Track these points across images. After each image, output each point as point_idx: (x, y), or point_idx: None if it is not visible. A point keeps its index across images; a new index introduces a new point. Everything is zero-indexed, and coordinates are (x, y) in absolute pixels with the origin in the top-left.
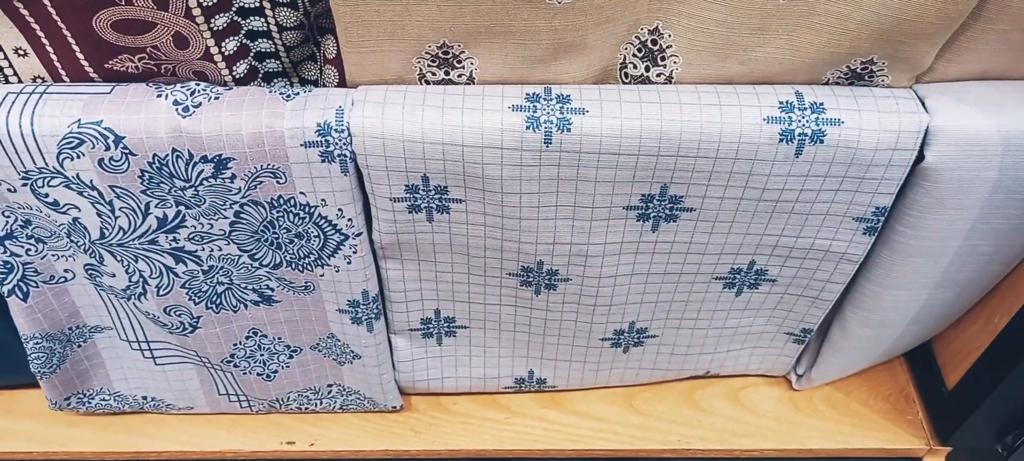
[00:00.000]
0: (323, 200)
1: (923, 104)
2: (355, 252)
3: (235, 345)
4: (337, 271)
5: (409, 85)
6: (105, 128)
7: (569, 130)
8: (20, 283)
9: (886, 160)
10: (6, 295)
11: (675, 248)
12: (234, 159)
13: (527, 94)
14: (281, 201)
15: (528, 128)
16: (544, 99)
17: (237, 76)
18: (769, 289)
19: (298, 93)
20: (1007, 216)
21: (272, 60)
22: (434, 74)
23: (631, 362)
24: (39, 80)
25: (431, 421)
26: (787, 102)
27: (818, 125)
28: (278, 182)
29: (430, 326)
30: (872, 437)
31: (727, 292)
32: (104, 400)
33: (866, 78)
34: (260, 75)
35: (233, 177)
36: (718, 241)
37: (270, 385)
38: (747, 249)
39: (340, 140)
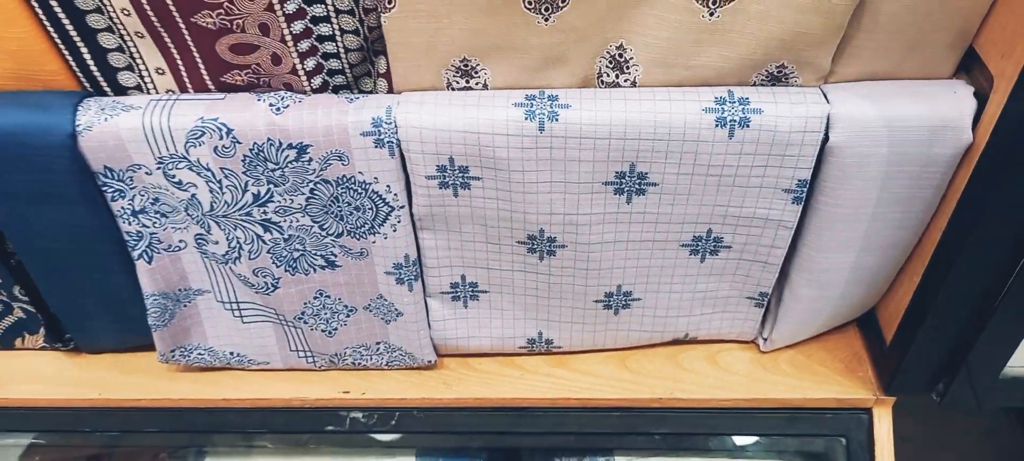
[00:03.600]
0: (376, 178)
1: (826, 97)
2: (399, 222)
3: (305, 304)
4: (385, 238)
5: (439, 91)
6: (220, 123)
7: (557, 120)
8: (147, 249)
9: (799, 141)
10: (136, 258)
11: (646, 218)
12: (311, 146)
13: (526, 94)
14: (345, 180)
15: (527, 119)
16: (538, 98)
17: (314, 87)
18: (727, 255)
19: (358, 97)
20: (903, 185)
21: (339, 75)
22: (458, 82)
23: (621, 324)
24: (171, 92)
25: (459, 376)
26: (720, 97)
27: (744, 114)
28: (343, 164)
29: (458, 290)
30: (828, 390)
31: (693, 258)
32: (200, 354)
33: (782, 80)
34: (330, 87)
35: (310, 160)
36: (680, 211)
37: (331, 341)
38: (703, 218)
39: (389, 130)
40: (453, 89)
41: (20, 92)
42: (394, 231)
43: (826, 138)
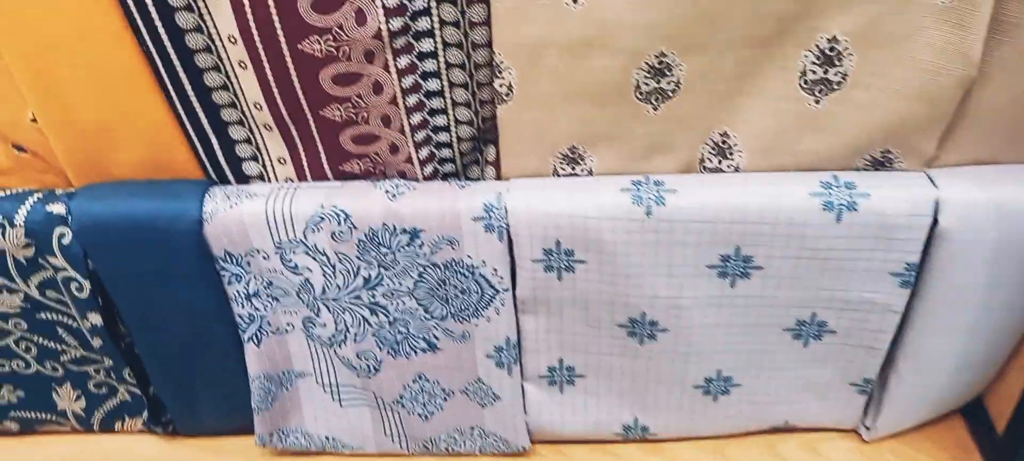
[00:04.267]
0: (483, 261)
1: (933, 181)
2: (503, 305)
3: (404, 386)
4: (488, 321)
5: (545, 177)
6: (339, 209)
7: (664, 204)
8: (257, 332)
9: (907, 224)
10: (246, 341)
11: (750, 301)
12: (424, 230)
13: (632, 180)
14: (453, 263)
15: (634, 203)
16: (644, 183)
17: (425, 174)
18: (830, 340)
19: (467, 184)
20: (1013, 269)
21: (450, 163)
22: (564, 169)
23: (720, 411)
24: (289, 180)
25: None
26: (826, 182)
27: (851, 198)
28: (453, 248)
29: (554, 374)
30: None
31: (796, 343)
32: (297, 438)
33: (886, 165)
34: (440, 174)
35: (421, 244)
36: (784, 295)
37: (427, 425)
38: (808, 302)
39: (499, 215)
40: (559, 175)
41: (152, 181)
42: (497, 314)
43: (935, 222)
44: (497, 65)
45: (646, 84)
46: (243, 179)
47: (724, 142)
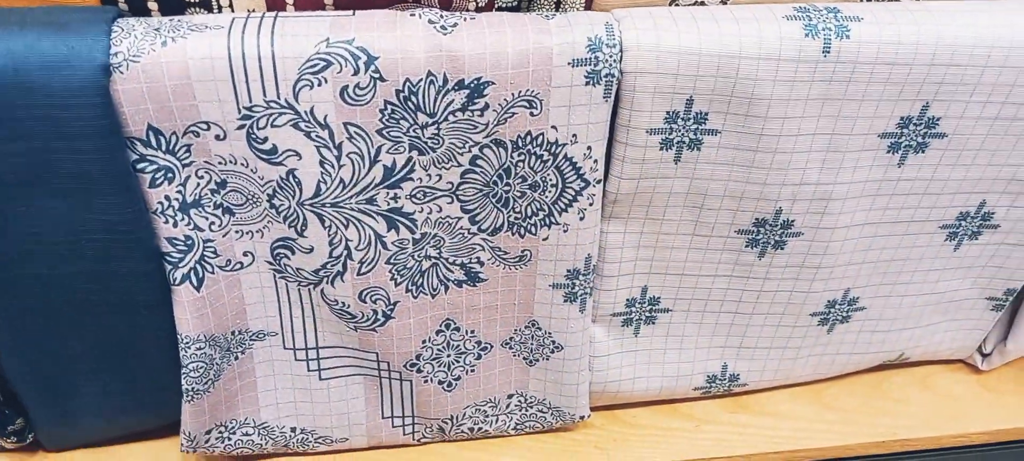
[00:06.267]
0: (574, 136)
1: None
2: (590, 205)
3: (424, 342)
4: (565, 231)
5: (662, 8)
6: (357, 47)
7: (848, 37)
8: (197, 266)
9: None
10: (177, 282)
11: (915, 186)
12: (492, 84)
13: (795, 8)
14: (528, 140)
15: (807, 35)
16: (815, 10)
17: (480, 4)
18: (988, 238)
19: (556, 14)
20: None
21: None
22: None
23: (830, 346)
24: (253, 11)
25: (615, 437)
26: None
27: None
28: (532, 114)
29: (632, 310)
30: None
31: (947, 245)
32: (246, 435)
33: None
34: (495, 8)
35: (484, 109)
36: (959, 175)
37: (448, 397)
38: (982, 186)
39: (610, 56)
40: (677, 4)
41: (16, 8)
42: (581, 220)
43: None
44: None
45: None
46: (176, 6)
47: None
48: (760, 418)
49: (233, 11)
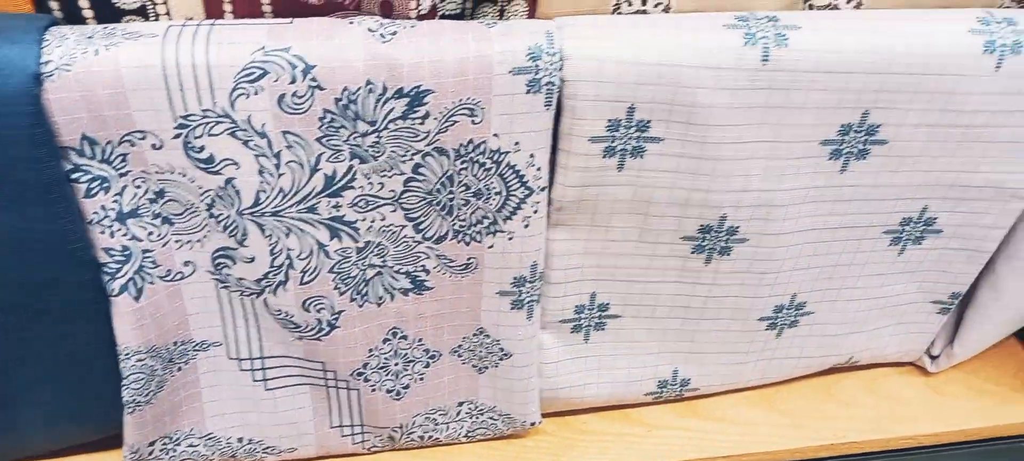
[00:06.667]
0: (516, 143)
1: None
2: (535, 212)
3: (371, 351)
4: (510, 239)
5: (602, 16)
6: (294, 56)
7: (787, 45)
8: (136, 277)
9: None
10: (116, 293)
11: (857, 192)
12: (432, 92)
13: (736, 15)
14: (470, 148)
15: (746, 44)
16: (753, 19)
17: (421, 11)
18: (932, 243)
19: (497, 23)
20: None
21: (453, 1)
22: (631, 3)
23: (779, 350)
24: (190, 20)
25: (566, 443)
26: (984, 17)
27: (1016, 36)
28: (473, 122)
29: (582, 316)
30: (1019, 412)
31: (891, 250)
32: (192, 446)
33: None
34: (438, 16)
35: (425, 117)
36: (900, 181)
37: (397, 405)
38: (924, 192)
39: (550, 65)
40: (620, 13)
41: None
42: (525, 227)
43: None
44: None
45: None
46: (111, 14)
47: None
48: (711, 422)
49: (170, 19)
